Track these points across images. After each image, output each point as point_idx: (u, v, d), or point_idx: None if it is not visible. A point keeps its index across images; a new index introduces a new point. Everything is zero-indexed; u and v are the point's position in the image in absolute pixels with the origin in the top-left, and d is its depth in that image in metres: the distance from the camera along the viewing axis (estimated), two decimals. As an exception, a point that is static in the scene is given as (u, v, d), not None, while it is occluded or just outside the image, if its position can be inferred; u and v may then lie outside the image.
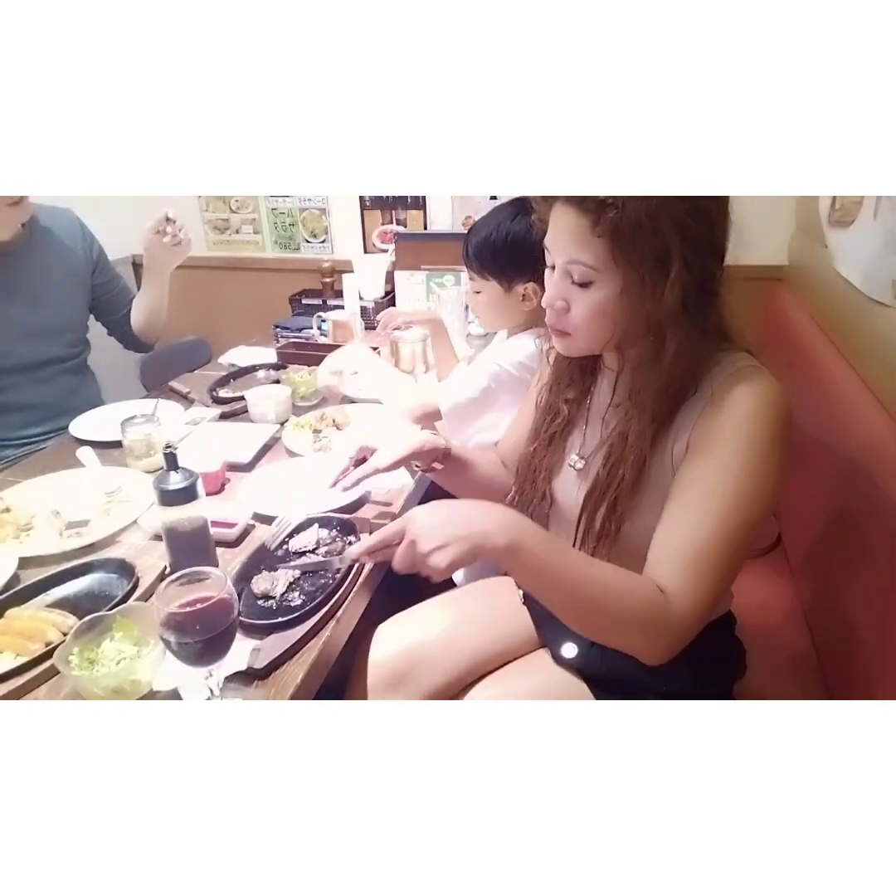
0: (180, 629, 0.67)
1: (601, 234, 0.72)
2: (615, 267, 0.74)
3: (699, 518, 0.73)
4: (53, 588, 0.95)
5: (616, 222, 0.71)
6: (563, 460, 0.95)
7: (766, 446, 0.74)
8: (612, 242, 0.72)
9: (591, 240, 0.73)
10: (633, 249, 0.72)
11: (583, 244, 0.74)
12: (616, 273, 0.74)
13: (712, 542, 0.72)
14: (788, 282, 1.92)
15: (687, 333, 0.76)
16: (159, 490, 0.93)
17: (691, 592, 0.72)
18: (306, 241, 2.43)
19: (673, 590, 0.72)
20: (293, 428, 1.40)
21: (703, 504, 0.74)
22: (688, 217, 0.72)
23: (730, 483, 0.73)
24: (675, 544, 0.74)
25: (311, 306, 2.14)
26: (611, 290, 0.75)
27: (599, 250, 0.73)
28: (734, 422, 0.74)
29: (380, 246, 2.33)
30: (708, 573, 0.72)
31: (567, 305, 0.79)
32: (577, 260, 0.75)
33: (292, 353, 1.78)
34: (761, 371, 0.77)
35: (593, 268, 0.75)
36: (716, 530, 0.72)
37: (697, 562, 0.72)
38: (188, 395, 1.60)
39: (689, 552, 0.73)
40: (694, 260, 0.73)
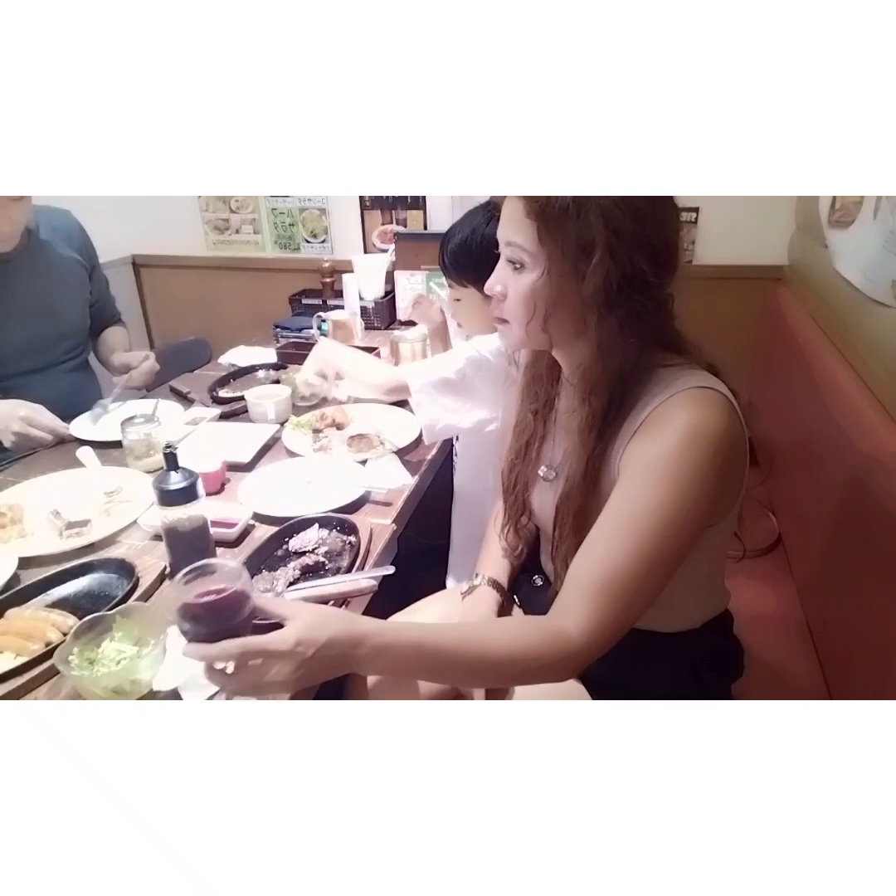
0: (197, 619, 0.65)
1: (531, 215, 0.74)
2: (542, 249, 0.75)
3: (610, 546, 0.73)
4: (53, 588, 0.95)
5: (543, 204, 0.72)
6: (536, 472, 0.96)
7: (690, 479, 0.71)
8: (540, 224, 0.74)
9: (524, 221, 0.75)
10: (558, 231, 0.73)
11: (517, 226, 0.76)
12: (543, 255, 0.76)
13: (621, 571, 0.71)
14: (788, 282, 1.92)
15: (611, 333, 0.76)
16: (159, 490, 0.93)
17: (593, 621, 0.71)
18: (306, 241, 2.43)
19: (575, 617, 0.71)
20: (293, 428, 1.40)
21: (618, 531, 0.73)
22: (615, 207, 0.71)
23: (647, 512, 0.72)
24: (583, 570, 0.74)
25: (311, 306, 2.14)
26: (538, 272, 0.76)
27: (530, 232, 0.75)
28: (661, 450, 0.73)
29: (380, 246, 2.33)
30: (613, 601, 0.71)
31: (505, 291, 0.80)
32: (511, 241, 0.78)
33: (292, 353, 1.78)
34: (705, 396, 0.74)
35: (524, 248, 0.76)
36: (626, 559, 0.71)
37: (602, 590, 0.71)
38: (188, 395, 1.60)
39: (596, 580, 0.72)
40: (619, 251, 0.72)
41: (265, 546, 1.01)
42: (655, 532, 0.71)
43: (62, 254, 1.58)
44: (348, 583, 0.91)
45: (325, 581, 0.92)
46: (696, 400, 0.74)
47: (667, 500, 0.71)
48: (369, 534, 1.05)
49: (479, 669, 0.72)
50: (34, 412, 1.36)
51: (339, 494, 1.13)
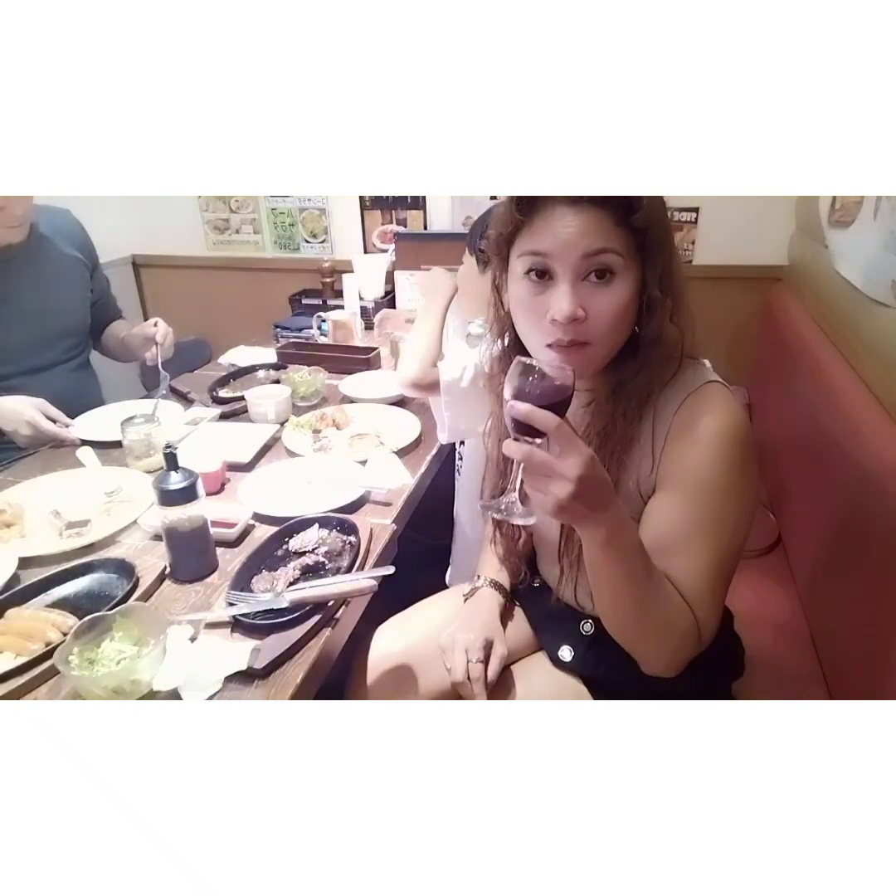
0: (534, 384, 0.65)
1: (633, 221, 0.71)
2: (637, 256, 0.73)
3: (700, 549, 0.76)
4: (53, 588, 0.95)
5: (647, 210, 0.71)
6: None
7: (742, 480, 0.76)
8: (641, 231, 0.72)
9: (616, 230, 0.72)
10: (654, 242, 0.73)
11: (609, 233, 0.72)
12: (636, 264, 0.74)
13: (716, 570, 0.76)
14: (788, 282, 1.92)
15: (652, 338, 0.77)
16: (159, 490, 0.93)
17: (711, 620, 0.77)
18: (306, 241, 2.43)
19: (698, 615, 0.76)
20: (293, 428, 1.40)
21: (701, 540, 0.76)
22: (660, 204, 0.76)
23: (714, 527, 0.76)
24: (687, 579, 0.76)
25: (311, 306, 2.14)
26: (630, 283, 0.74)
27: (623, 239, 0.72)
28: (704, 459, 0.76)
29: (380, 246, 2.33)
30: (717, 597, 0.78)
31: (585, 314, 0.73)
32: (605, 248, 0.71)
33: (292, 353, 1.78)
34: (720, 387, 0.79)
35: (621, 255, 0.72)
36: (715, 562, 0.76)
37: (710, 590, 0.76)
38: (188, 395, 1.60)
39: (703, 583, 0.76)
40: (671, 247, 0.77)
41: (265, 546, 1.01)
42: (722, 541, 0.76)
43: (63, 252, 1.58)
44: (348, 583, 0.91)
45: (325, 581, 0.92)
46: (719, 394, 0.78)
47: (727, 510, 0.76)
48: (369, 534, 1.05)
49: (654, 604, 0.74)
50: (37, 415, 1.36)
51: (339, 494, 1.13)
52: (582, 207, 0.71)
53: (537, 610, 1.05)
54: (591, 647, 0.94)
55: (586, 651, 0.94)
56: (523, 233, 0.75)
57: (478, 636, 0.97)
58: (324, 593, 0.90)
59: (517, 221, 0.75)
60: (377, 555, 1.03)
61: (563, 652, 0.97)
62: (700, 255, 2.08)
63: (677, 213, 2.04)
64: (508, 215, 0.76)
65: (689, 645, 0.76)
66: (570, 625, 0.96)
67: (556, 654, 0.98)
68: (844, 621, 1.06)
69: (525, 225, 0.75)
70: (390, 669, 1.01)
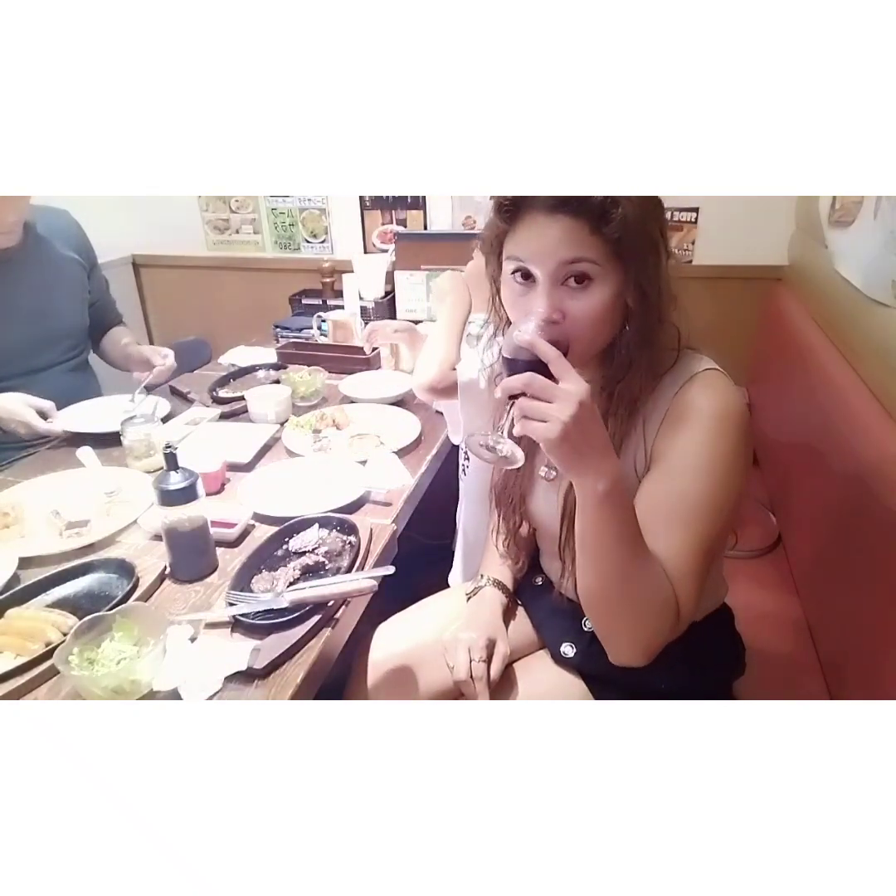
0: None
1: (606, 232, 0.72)
2: (616, 263, 0.74)
3: (686, 526, 0.75)
4: (53, 588, 0.95)
5: (621, 220, 0.71)
6: (533, 475, 0.95)
7: (731, 463, 0.76)
8: (616, 240, 0.72)
9: (591, 238, 0.73)
10: (634, 245, 0.73)
11: (583, 243, 0.73)
12: (616, 270, 0.74)
13: (700, 549, 0.75)
14: (788, 282, 1.92)
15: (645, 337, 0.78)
16: (159, 490, 0.93)
17: (690, 603, 0.75)
18: (306, 241, 2.43)
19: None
20: (293, 428, 1.40)
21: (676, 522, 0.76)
22: (663, 214, 0.77)
23: (698, 503, 0.75)
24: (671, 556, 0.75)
25: (311, 306, 2.14)
26: (608, 288, 0.75)
27: (599, 247, 0.73)
28: (696, 439, 0.76)
29: (380, 246, 2.33)
30: (699, 579, 0.76)
31: (563, 315, 0.76)
32: (580, 257, 0.74)
33: (292, 353, 1.78)
34: (719, 378, 0.80)
35: (597, 263, 0.74)
36: (699, 542, 0.75)
37: (692, 571, 0.75)
38: (188, 395, 1.60)
39: (685, 561, 0.75)
40: (660, 248, 0.77)
41: (265, 546, 1.01)
42: (707, 521, 0.75)
43: (60, 253, 1.58)
44: (348, 583, 0.91)
45: (325, 581, 0.92)
46: (718, 378, 0.79)
47: (714, 487, 0.75)
48: (369, 534, 1.05)
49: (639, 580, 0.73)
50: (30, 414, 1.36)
51: (339, 494, 1.13)
52: (558, 217, 0.73)
53: (539, 608, 1.05)
54: (593, 643, 0.93)
55: (588, 647, 0.94)
56: (508, 237, 0.78)
57: (480, 635, 0.97)
58: (324, 593, 0.90)
59: (501, 227, 0.78)
60: (377, 555, 1.03)
61: (565, 648, 0.97)
62: (700, 255, 2.08)
63: (677, 213, 2.04)
64: (493, 220, 0.79)
65: (667, 630, 0.74)
66: (572, 621, 0.96)
67: (558, 651, 0.98)
68: (844, 620, 1.06)
69: (509, 231, 0.77)
70: (391, 669, 1.01)
